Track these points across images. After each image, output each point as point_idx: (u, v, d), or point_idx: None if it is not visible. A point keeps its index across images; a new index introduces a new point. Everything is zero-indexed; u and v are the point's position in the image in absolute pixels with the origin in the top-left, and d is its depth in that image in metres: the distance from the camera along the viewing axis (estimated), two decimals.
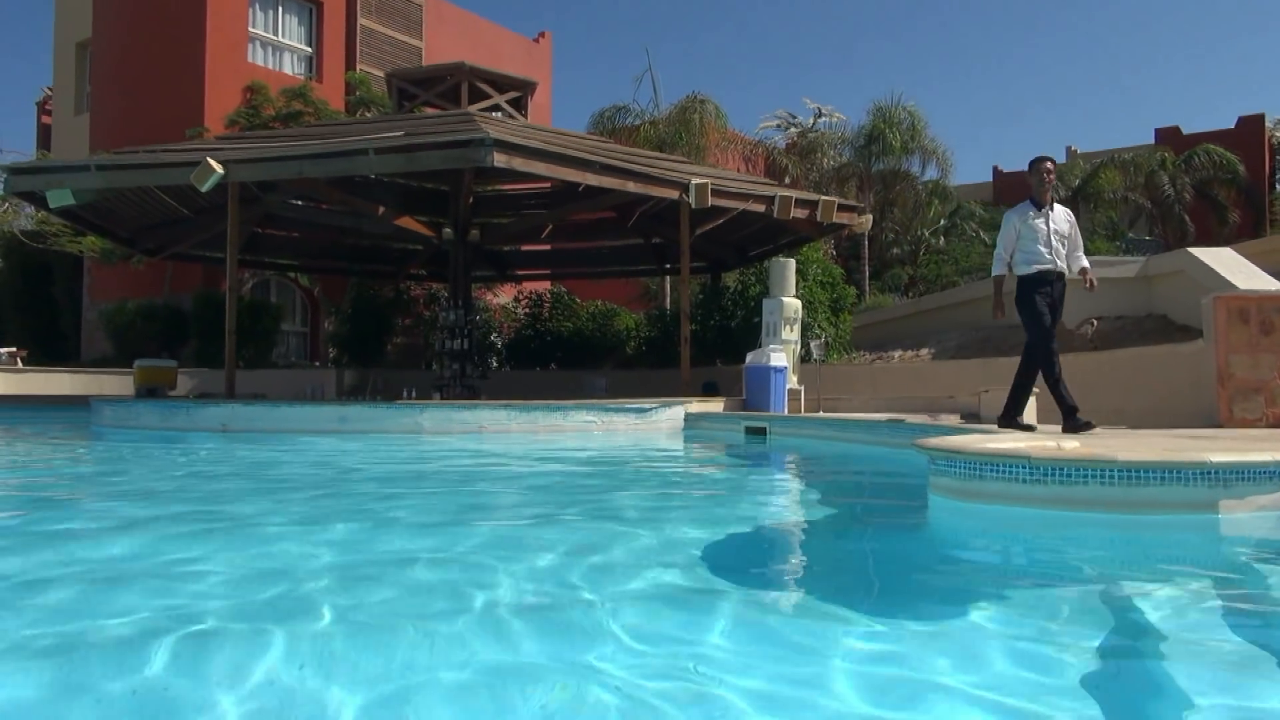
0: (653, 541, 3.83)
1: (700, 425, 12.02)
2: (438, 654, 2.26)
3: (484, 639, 2.36)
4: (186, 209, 16.14)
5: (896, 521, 4.72)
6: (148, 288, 24.17)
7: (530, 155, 10.60)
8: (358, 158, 10.68)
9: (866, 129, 34.43)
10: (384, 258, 21.10)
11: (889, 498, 5.81)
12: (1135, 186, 37.73)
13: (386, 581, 3.05)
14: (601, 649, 2.25)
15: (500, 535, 4.08)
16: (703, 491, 5.99)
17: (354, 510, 4.90)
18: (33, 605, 2.72)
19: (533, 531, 4.19)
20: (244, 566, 3.32)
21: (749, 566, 3.57)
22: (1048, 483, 3.98)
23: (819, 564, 3.74)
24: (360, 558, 3.52)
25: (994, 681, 2.05)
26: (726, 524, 4.47)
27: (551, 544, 3.73)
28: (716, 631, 2.42)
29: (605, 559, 3.46)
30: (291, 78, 25.58)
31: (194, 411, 11.36)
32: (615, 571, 3.26)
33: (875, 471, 7.15)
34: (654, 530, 4.10)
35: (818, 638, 2.44)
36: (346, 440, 10.19)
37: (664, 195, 12.36)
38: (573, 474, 7.21)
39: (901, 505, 5.31)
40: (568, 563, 3.36)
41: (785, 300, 13.29)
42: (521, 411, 11.15)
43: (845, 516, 4.88)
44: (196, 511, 4.80)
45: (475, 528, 4.26)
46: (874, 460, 7.71)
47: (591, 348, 21.16)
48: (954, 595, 3.03)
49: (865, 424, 8.70)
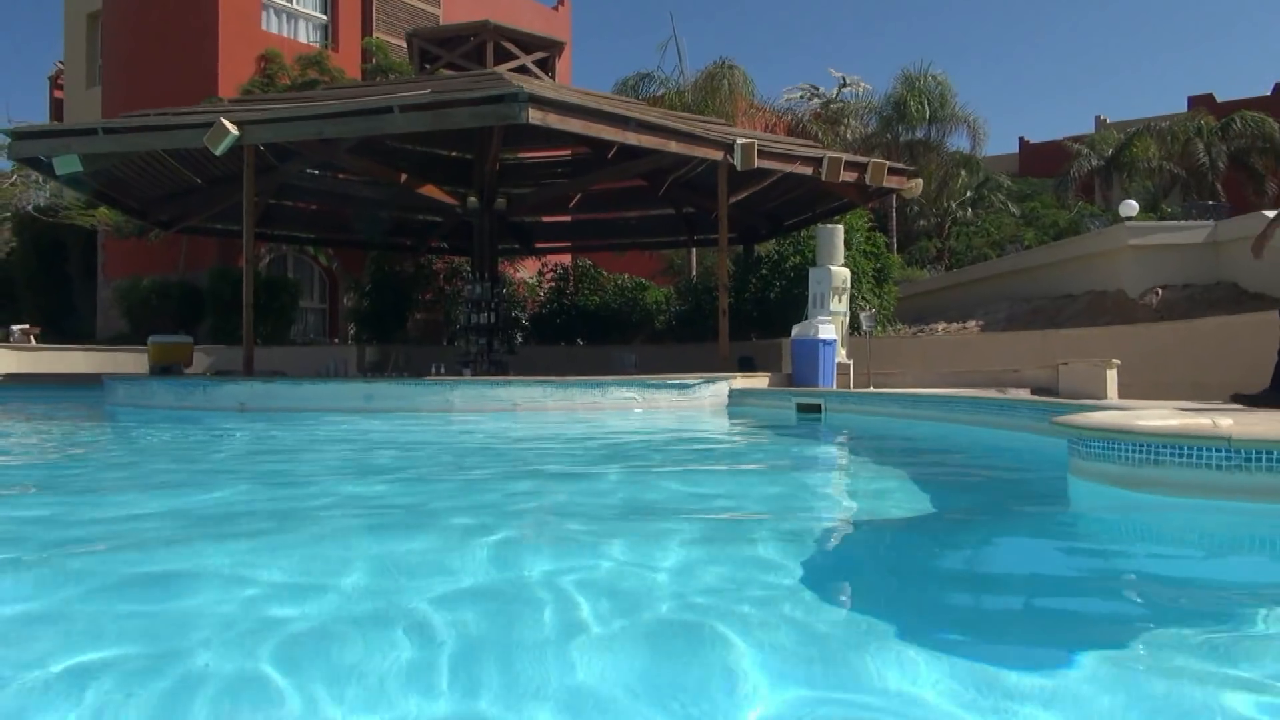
0: (752, 554, 3.12)
1: (745, 402, 11.29)
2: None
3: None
4: (200, 178, 15.45)
5: (1036, 519, 3.96)
6: (163, 264, 23.58)
7: (566, 111, 9.83)
8: (382, 116, 9.93)
9: (894, 98, 33.38)
10: (404, 230, 20.39)
11: (1005, 487, 4.99)
12: (1171, 155, 36.58)
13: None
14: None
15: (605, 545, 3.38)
16: (782, 485, 5.24)
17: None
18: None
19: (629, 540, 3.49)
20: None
21: (869, 588, 2.83)
22: (1252, 470, 3.23)
23: (967, 582, 2.98)
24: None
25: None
26: (820, 524, 3.73)
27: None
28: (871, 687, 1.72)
29: (708, 567, 2.77)
30: (306, 46, 24.83)
31: (211, 390, 10.72)
32: (727, 590, 2.56)
33: (968, 454, 6.40)
34: (748, 539, 3.39)
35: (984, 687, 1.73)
36: (373, 419, 9.54)
37: (707, 156, 11.56)
38: (633, 455, 6.51)
39: (1028, 496, 4.55)
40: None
41: (834, 269, 12.51)
42: (557, 388, 10.45)
43: (966, 513, 4.13)
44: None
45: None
46: (957, 441, 6.97)
47: (619, 322, 20.42)
48: (1149, 618, 2.30)
49: (940, 400, 7.94)
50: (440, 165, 17.42)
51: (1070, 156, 39.80)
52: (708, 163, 16.03)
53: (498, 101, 9.53)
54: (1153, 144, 36.75)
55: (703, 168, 16.54)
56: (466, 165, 17.23)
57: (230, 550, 3.02)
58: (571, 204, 18.43)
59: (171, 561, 2.88)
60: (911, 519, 3.84)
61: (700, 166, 16.56)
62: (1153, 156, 36.77)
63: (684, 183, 17.65)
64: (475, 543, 3.13)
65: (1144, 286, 13.84)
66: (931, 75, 33.61)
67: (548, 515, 3.93)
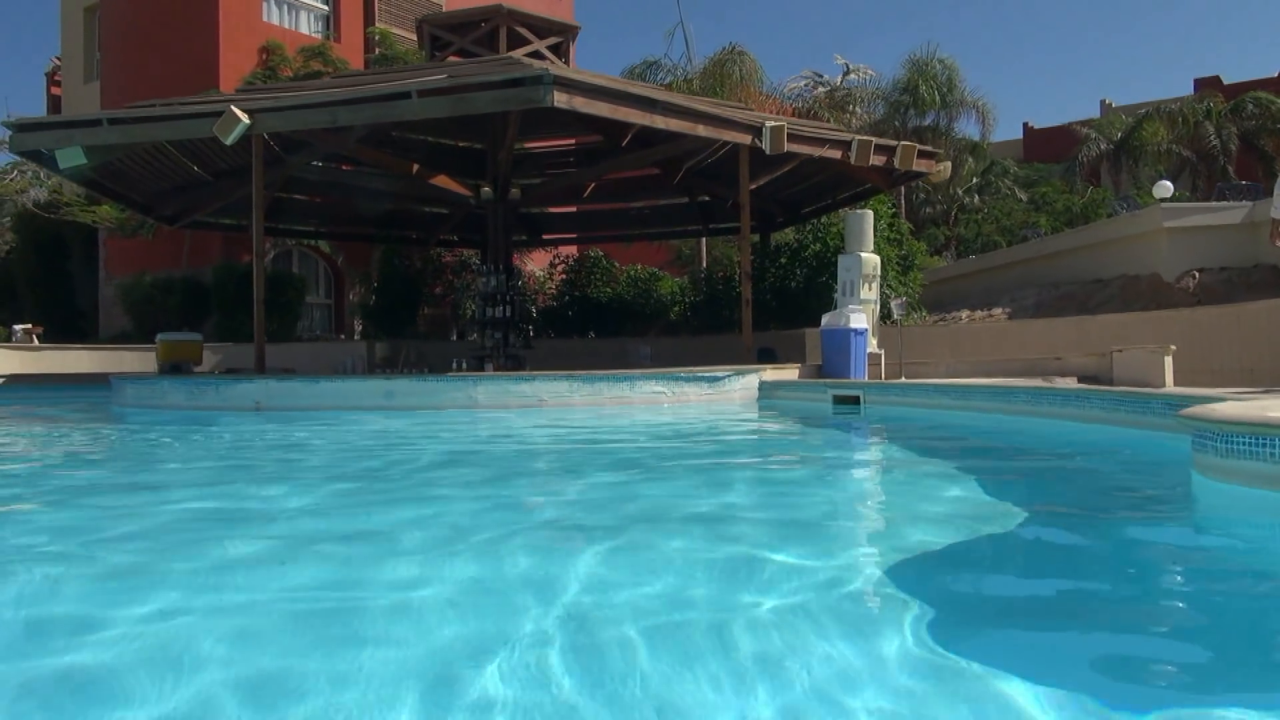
0: (824, 572, 2.73)
1: (777, 395, 10.91)
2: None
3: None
4: (205, 171, 15.05)
5: (1167, 527, 3.57)
6: (166, 260, 23.17)
7: (592, 94, 9.42)
8: (399, 102, 9.53)
9: (901, 82, 32.94)
10: (412, 223, 19.99)
11: (1109, 489, 4.51)
12: (1180, 139, 36.13)
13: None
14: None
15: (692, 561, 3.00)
16: (842, 490, 4.83)
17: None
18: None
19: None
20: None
21: (991, 618, 2.43)
22: None
23: (1106, 606, 2.56)
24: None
25: None
26: (901, 537, 3.31)
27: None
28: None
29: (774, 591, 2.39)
30: (309, 37, 24.37)
31: (224, 389, 10.33)
32: (796, 625, 2.17)
33: (1044, 450, 6.00)
34: (823, 551, 3.01)
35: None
36: (393, 417, 9.16)
37: (735, 139, 11.15)
38: (685, 453, 6.13)
39: (1143, 500, 4.14)
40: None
41: (864, 256, 12.11)
42: (584, 382, 10.06)
43: (1080, 520, 3.72)
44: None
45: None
46: (1021, 435, 6.58)
47: (633, 314, 20.03)
48: None
49: (995, 391, 7.56)
50: (451, 156, 17.01)
51: (1078, 141, 39.35)
52: (726, 149, 15.66)
53: (521, 84, 9.12)
54: (1162, 127, 36.31)
55: (721, 154, 16.15)
56: (477, 156, 16.81)
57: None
58: (586, 193, 18.01)
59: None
60: (1017, 528, 3.43)
61: (719, 153, 16.16)
62: (1162, 140, 36.34)
63: (700, 170, 17.24)
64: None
65: (1180, 270, 13.44)
66: (939, 60, 33.18)
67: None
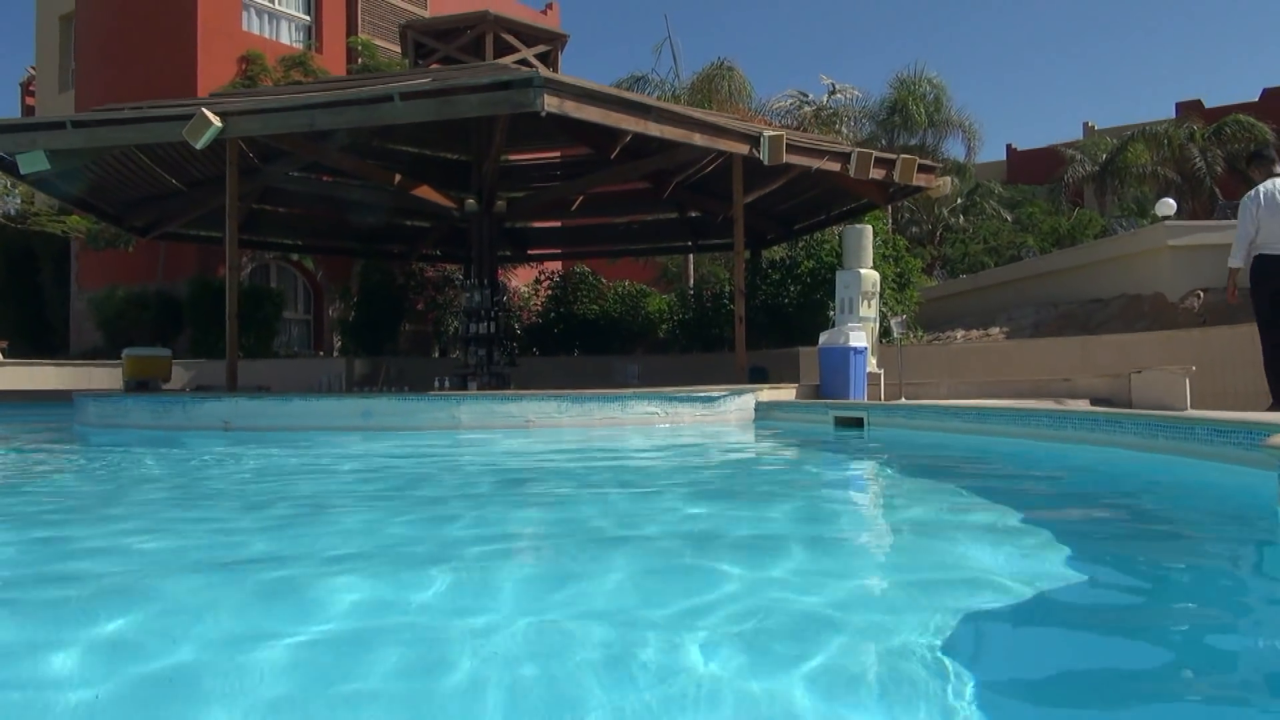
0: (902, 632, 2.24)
1: (774, 415, 10.44)
2: None
3: None
4: (178, 180, 14.49)
5: (1268, 578, 3.10)
6: (139, 274, 22.53)
7: (584, 98, 8.96)
8: (381, 106, 9.03)
9: (889, 101, 32.81)
10: (394, 236, 19.45)
11: (1184, 530, 3.98)
12: (1164, 161, 36.25)
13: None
14: None
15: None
16: (869, 531, 4.32)
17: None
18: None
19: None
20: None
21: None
22: None
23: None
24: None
25: None
26: (948, 593, 2.81)
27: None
28: None
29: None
30: (289, 47, 23.88)
31: (191, 407, 9.75)
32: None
33: (1085, 481, 5.53)
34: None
35: None
36: (373, 439, 8.62)
37: (732, 149, 10.71)
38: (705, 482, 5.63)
39: (1233, 543, 3.65)
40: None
41: (863, 272, 11.68)
42: (574, 402, 9.55)
43: (1152, 568, 3.24)
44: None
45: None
46: (1051, 462, 6.11)
47: (620, 332, 19.54)
48: None
49: (1015, 414, 7.11)
50: (434, 167, 16.52)
51: (1062, 162, 39.44)
52: (717, 163, 15.27)
53: (510, 87, 8.66)
54: (1146, 149, 36.46)
55: (712, 168, 15.75)
56: (461, 168, 16.33)
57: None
58: (574, 207, 17.56)
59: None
60: (1084, 583, 2.91)
61: (710, 167, 15.76)
62: (1147, 162, 36.48)
63: (690, 184, 16.84)
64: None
65: (1184, 289, 13.09)
66: (927, 79, 33.07)
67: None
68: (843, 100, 34.46)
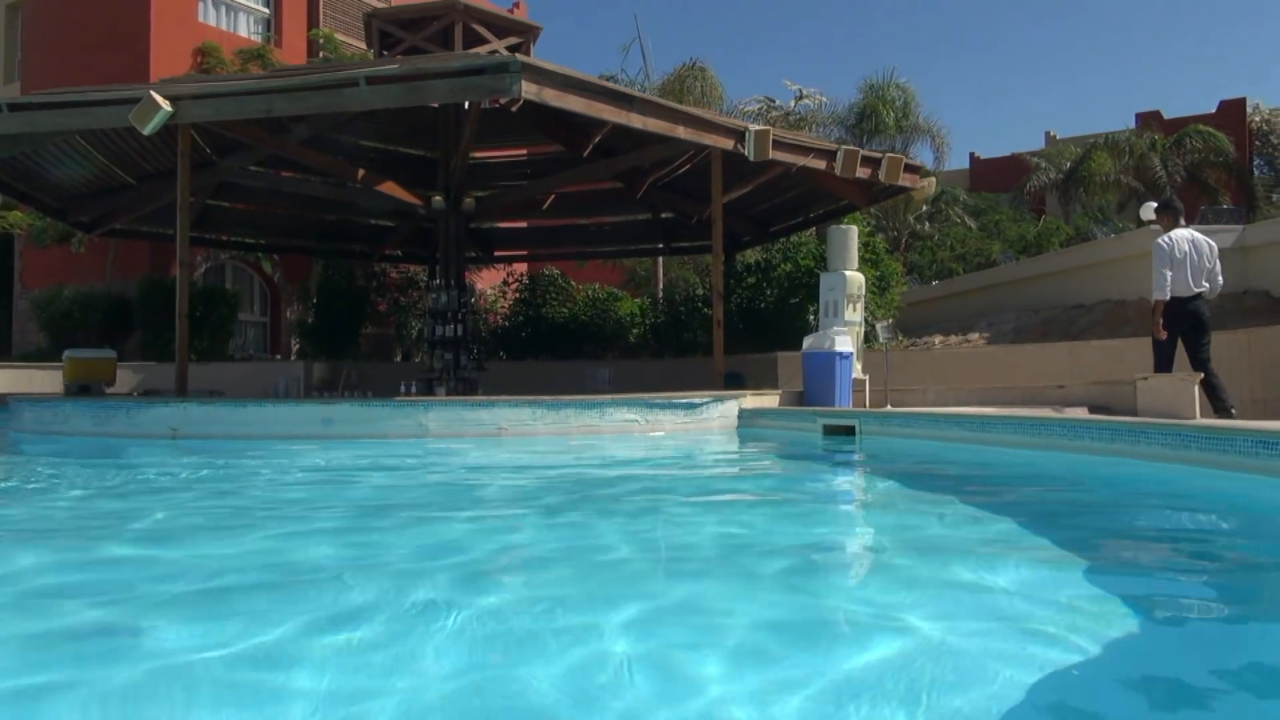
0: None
1: (758, 423, 9.99)
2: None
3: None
4: (127, 173, 13.75)
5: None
6: (88, 273, 21.58)
7: (565, 86, 8.42)
8: (345, 91, 8.42)
9: (858, 107, 32.62)
10: (357, 235, 18.75)
11: (1243, 553, 3.65)
12: (1126, 169, 36.58)
13: None
14: None
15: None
16: (890, 563, 3.82)
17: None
18: None
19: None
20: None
21: None
22: None
23: None
24: None
25: None
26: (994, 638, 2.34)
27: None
28: None
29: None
30: (248, 40, 23.07)
31: (136, 413, 9.07)
32: None
33: (1120, 499, 5.10)
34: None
35: None
36: (332, 447, 8.02)
37: (716, 144, 10.22)
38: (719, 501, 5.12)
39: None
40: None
41: (848, 274, 11.27)
42: (549, 409, 9.01)
43: (1232, 607, 2.79)
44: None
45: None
46: (1074, 478, 5.68)
47: (590, 336, 18.99)
48: None
49: (1021, 423, 6.69)
50: (400, 164, 15.87)
51: (1026, 171, 39.67)
52: (693, 161, 14.81)
53: (484, 73, 8.10)
54: (1108, 159, 36.75)
55: (687, 167, 15.29)
56: (427, 165, 15.71)
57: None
58: (545, 206, 17.02)
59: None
60: (1157, 627, 2.46)
61: (686, 165, 15.30)
62: (1110, 170, 36.77)
63: (664, 184, 16.37)
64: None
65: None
66: (897, 85, 32.92)
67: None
68: (810, 106, 34.24)
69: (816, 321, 12.72)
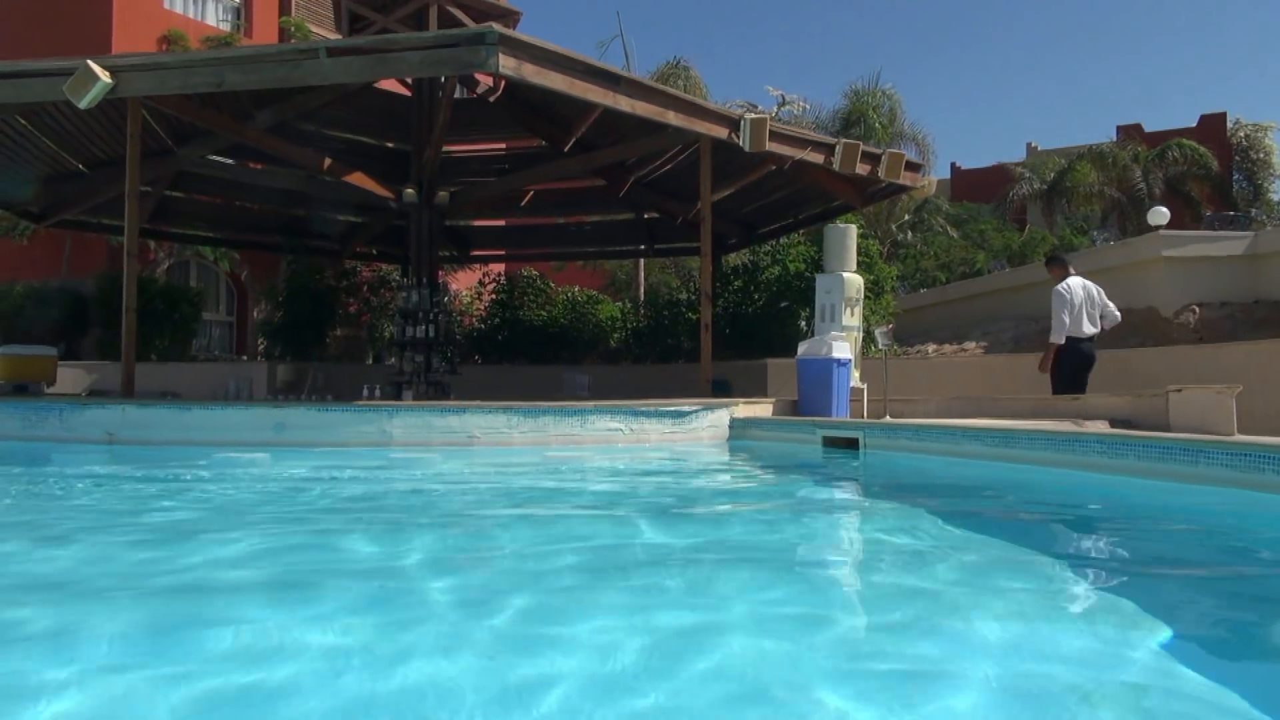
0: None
1: (751, 434, 9.28)
2: None
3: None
4: (76, 159, 12.87)
5: None
6: (42, 268, 20.64)
7: (546, 62, 7.67)
8: (305, 63, 7.63)
9: (843, 112, 32.12)
10: (324, 232, 17.88)
11: None
12: (1109, 181, 36.40)
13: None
14: None
15: None
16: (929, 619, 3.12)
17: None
18: None
19: None
20: None
21: None
22: None
23: None
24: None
25: None
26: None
27: None
28: None
29: None
30: (215, 29, 22.19)
31: (70, 415, 8.22)
32: None
33: (1197, 526, 4.42)
34: None
35: None
36: (287, 456, 7.22)
37: (709, 132, 9.51)
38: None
39: None
40: None
41: (847, 276, 10.59)
42: (526, 416, 8.26)
43: None
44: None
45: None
46: (1126, 503, 5.01)
47: (568, 340, 18.22)
48: None
49: (1051, 438, 6.02)
50: (369, 157, 15.07)
51: (1009, 181, 39.39)
52: (680, 157, 14.12)
53: (458, 45, 7.35)
54: (1091, 170, 36.55)
55: (672, 165, 14.61)
56: (399, 158, 14.90)
57: None
58: (524, 202, 16.27)
59: None
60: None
61: (669, 164, 14.61)
62: (1093, 181, 36.57)
63: (648, 182, 15.67)
64: None
65: (1179, 303, 12.28)
66: (882, 90, 32.47)
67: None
68: (793, 112, 33.69)
69: (810, 327, 12.05)
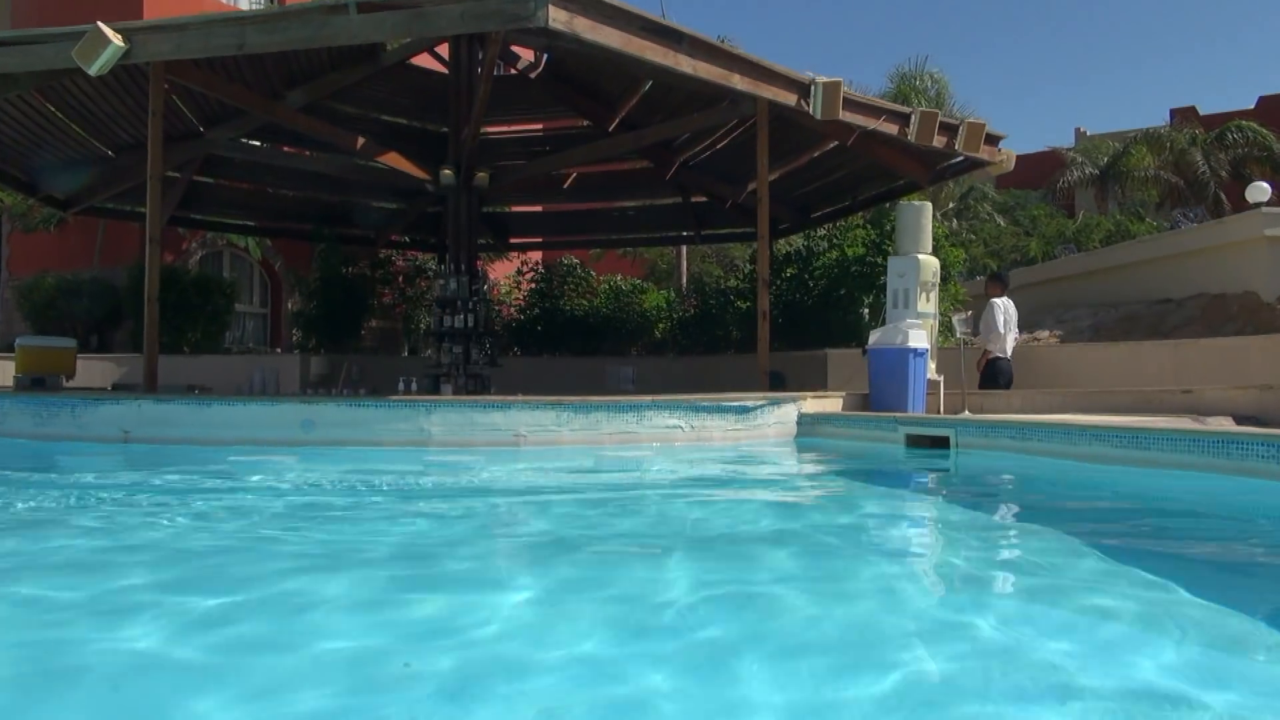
0: None
1: (821, 431, 8.45)
2: None
3: None
4: (102, 143, 12.31)
5: None
6: (75, 259, 20.19)
7: (600, 14, 6.86)
8: (332, 20, 6.91)
9: (889, 96, 30.97)
10: (359, 219, 17.23)
11: None
12: (1166, 165, 34.97)
13: None
14: None
15: None
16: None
17: None
18: None
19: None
20: None
21: None
22: None
23: None
24: None
25: None
26: None
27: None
28: None
29: None
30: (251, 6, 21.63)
31: (83, 412, 7.58)
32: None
33: None
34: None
35: None
36: (311, 458, 6.52)
37: (776, 98, 8.64)
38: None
39: None
40: None
41: (922, 258, 9.71)
42: (577, 412, 7.49)
43: None
44: None
45: None
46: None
47: (612, 330, 17.42)
48: None
49: (1199, 438, 5.13)
50: (406, 138, 14.38)
51: (1060, 165, 38.02)
52: (733, 135, 13.28)
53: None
54: (1148, 153, 35.15)
55: (723, 143, 13.76)
56: (436, 140, 14.19)
57: None
58: (565, 186, 15.50)
59: None
60: None
61: (720, 142, 13.77)
62: (1149, 165, 35.16)
63: (696, 164, 14.84)
64: None
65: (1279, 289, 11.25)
66: (929, 74, 31.32)
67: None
68: None
69: (881, 315, 11.17)
